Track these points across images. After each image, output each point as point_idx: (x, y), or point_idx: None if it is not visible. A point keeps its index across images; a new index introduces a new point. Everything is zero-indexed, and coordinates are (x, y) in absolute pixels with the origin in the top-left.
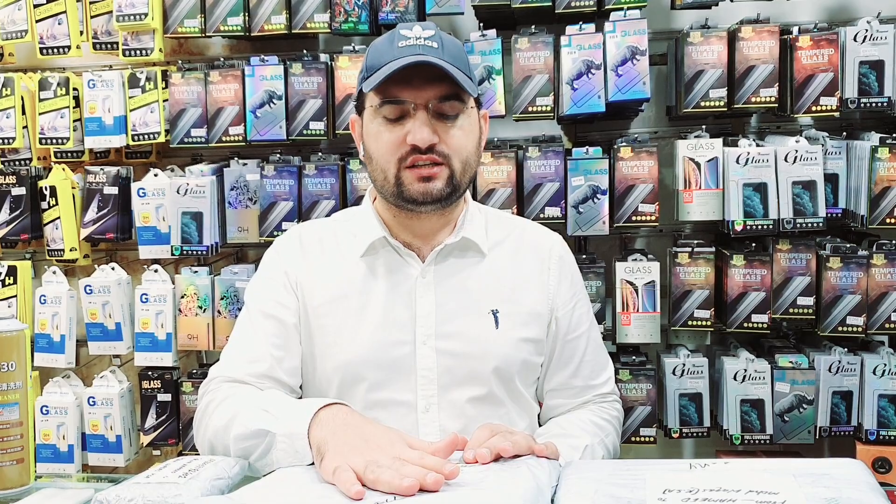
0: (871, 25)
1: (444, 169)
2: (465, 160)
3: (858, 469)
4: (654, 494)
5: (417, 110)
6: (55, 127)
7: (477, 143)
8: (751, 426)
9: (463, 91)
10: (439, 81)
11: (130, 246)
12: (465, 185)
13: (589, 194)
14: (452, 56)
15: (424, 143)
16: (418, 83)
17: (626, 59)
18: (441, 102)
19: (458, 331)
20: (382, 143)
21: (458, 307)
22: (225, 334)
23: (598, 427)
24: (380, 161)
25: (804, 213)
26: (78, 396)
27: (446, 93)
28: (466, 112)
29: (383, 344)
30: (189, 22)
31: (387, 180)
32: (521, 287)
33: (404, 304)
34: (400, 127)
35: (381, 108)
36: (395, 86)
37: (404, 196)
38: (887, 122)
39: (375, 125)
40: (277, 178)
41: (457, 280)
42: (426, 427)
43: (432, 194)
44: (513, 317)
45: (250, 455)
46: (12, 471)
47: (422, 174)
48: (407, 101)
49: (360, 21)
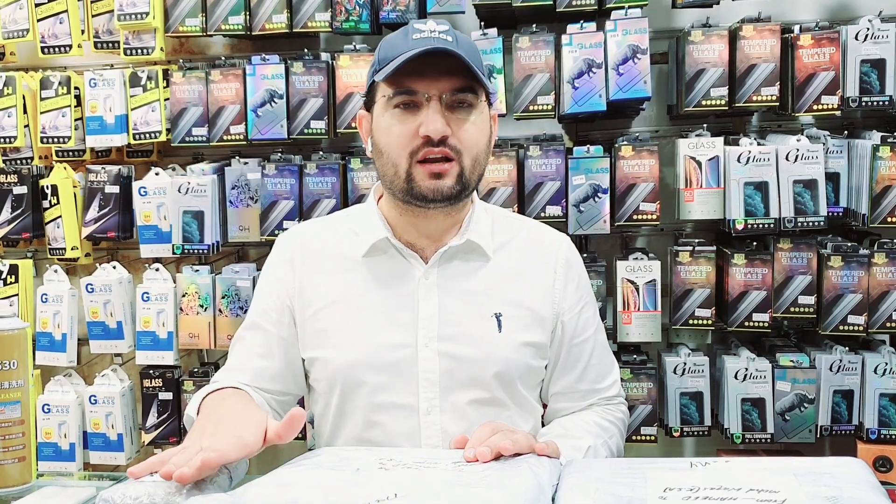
0: (872, 24)
1: (455, 165)
2: (475, 157)
3: (859, 468)
4: (654, 493)
5: (431, 101)
6: (56, 126)
7: (488, 142)
8: (752, 425)
9: (477, 84)
10: (453, 74)
11: (132, 245)
12: (475, 183)
13: (590, 193)
14: (466, 51)
15: (437, 135)
16: (432, 74)
17: (627, 57)
18: (455, 94)
19: (460, 334)
20: (394, 136)
21: (461, 310)
22: (226, 333)
23: (602, 428)
24: (391, 155)
25: (805, 212)
26: (79, 395)
27: (461, 85)
28: (479, 107)
29: (385, 346)
30: (190, 21)
31: (397, 175)
32: (525, 290)
33: (406, 306)
34: (412, 119)
35: (393, 98)
36: (408, 77)
37: (414, 192)
38: (888, 121)
39: (387, 117)
40: (278, 177)
41: (460, 283)
42: (428, 430)
43: (442, 192)
44: (516, 320)
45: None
46: (14, 469)
47: (433, 170)
48: (420, 91)
49: (361, 20)
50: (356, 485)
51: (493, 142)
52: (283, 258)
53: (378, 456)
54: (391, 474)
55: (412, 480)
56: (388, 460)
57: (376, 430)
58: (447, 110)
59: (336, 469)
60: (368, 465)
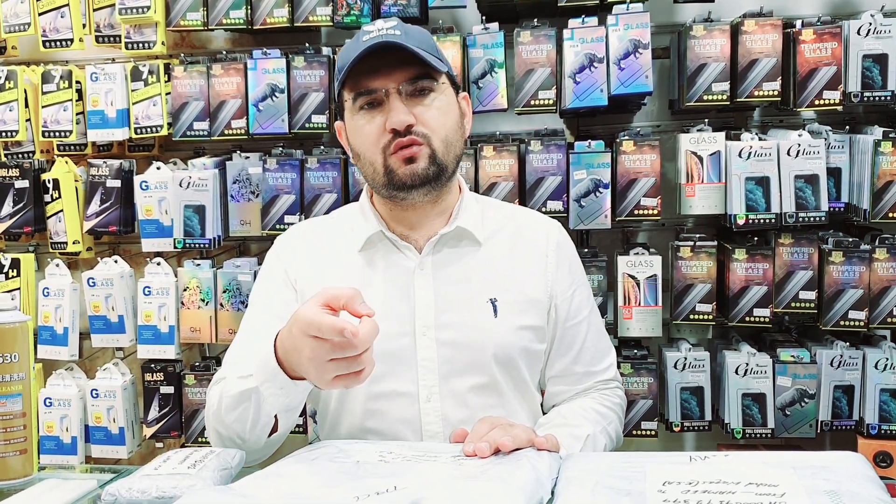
0: (874, 19)
1: (425, 148)
2: (445, 138)
3: (858, 462)
4: (653, 487)
5: (390, 95)
6: (58, 120)
7: (457, 122)
8: (752, 420)
9: (432, 69)
10: (406, 65)
11: (133, 239)
12: (452, 165)
13: (591, 188)
14: (417, 40)
15: (401, 125)
16: (386, 70)
17: (629, 52)
18: (412, 83)
19: (457, 320)
20: (365, 136)
21: (457, 297)
22: (227, 327)
23: (601, 415)
24: (366, 154)
25: (806, 207)
26: (81, 389)
27: (415, 74)
28: (439, 89)
29: (383, 336)
30: (191, 15)
31: (376, 172)
32: (519, 274)
33: (403, 295)
34: (378, 116)
35: (356, 101)
36: (364, 77)
37: (394, 183)
38: (890, 116)
39: (356, 121)
40: (280, 172)
41: (454, 270)
42: (428, 416)
43: (418, 174)
44: (511, 305)
45: (248, 422)
46: (15, 461)
47: (404, 155)
48: (378, 88)
49: (363, 14)
50: (356, 477)
51: (468, 123)
52: (282, 256)
53: (378, 448)
54: (391, 467)
55: (412, 473)
56: (388, 453)
57: (377, 418)
58: (408, 100)
59: (336, 461)
60: (368, 457)
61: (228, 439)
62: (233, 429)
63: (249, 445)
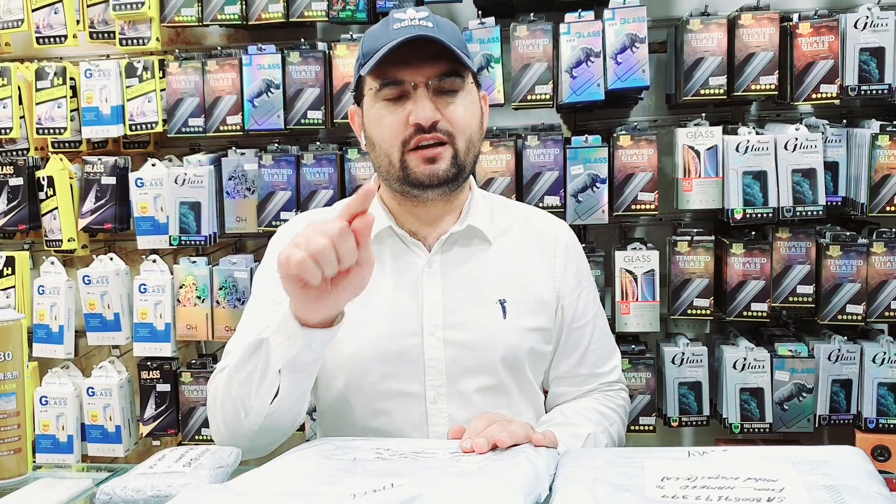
0: (871, 12)
1: (449, 148)
2: (468, 138)
3: (857, 456)
4: (652, 482)
5: (418, 89)
6: (52, 117)
7: (479, 122)
8: (750, 415)
9: (462, 67)
10: (437, 59)
11: (128, 236)
12: (470, 166)
13: (588, 183)
14: (448, 35)
15: (427, 121)
16: (416, 62)
17: (626, 46)
18: (441, 80)
19: (465, 321)
20: (385, 127)
21: (466, 297)
22: (224, 324)
23: (602, 416)
24: (383, 146)
25: (804, 202)
26: (77, 387)
27: (446, 70)
28: (467, 89)
29: (390, 335)
30: (186, 11)
31: (392, 165)
32: (527, 275)
33: (411, 294)
34: (401, 109)
35: (380, 90)
36: (392, 67)
37: (410, 180)
38: (887, 110)
39: (376, 110)
40: (275, 168)
41: (463, 269)
42: (435, 417)
43: (438, 176)
44: (520, 305)
45: (254, 382)
46: (10, 461)
47: (426, 155)
48: (406, 80)
49: (358, 9)
50: (353, 474)
51: (486, 123)
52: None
53: (375, 446)
54: (388, 464)
55: (409, 470)
56: (386, 450)
57: (383, 418)
58: (435, 96)
59: (332, 458)
60: (365, 454)
61: (233, 415)
62: (239, 395)
63: (252, 420)
